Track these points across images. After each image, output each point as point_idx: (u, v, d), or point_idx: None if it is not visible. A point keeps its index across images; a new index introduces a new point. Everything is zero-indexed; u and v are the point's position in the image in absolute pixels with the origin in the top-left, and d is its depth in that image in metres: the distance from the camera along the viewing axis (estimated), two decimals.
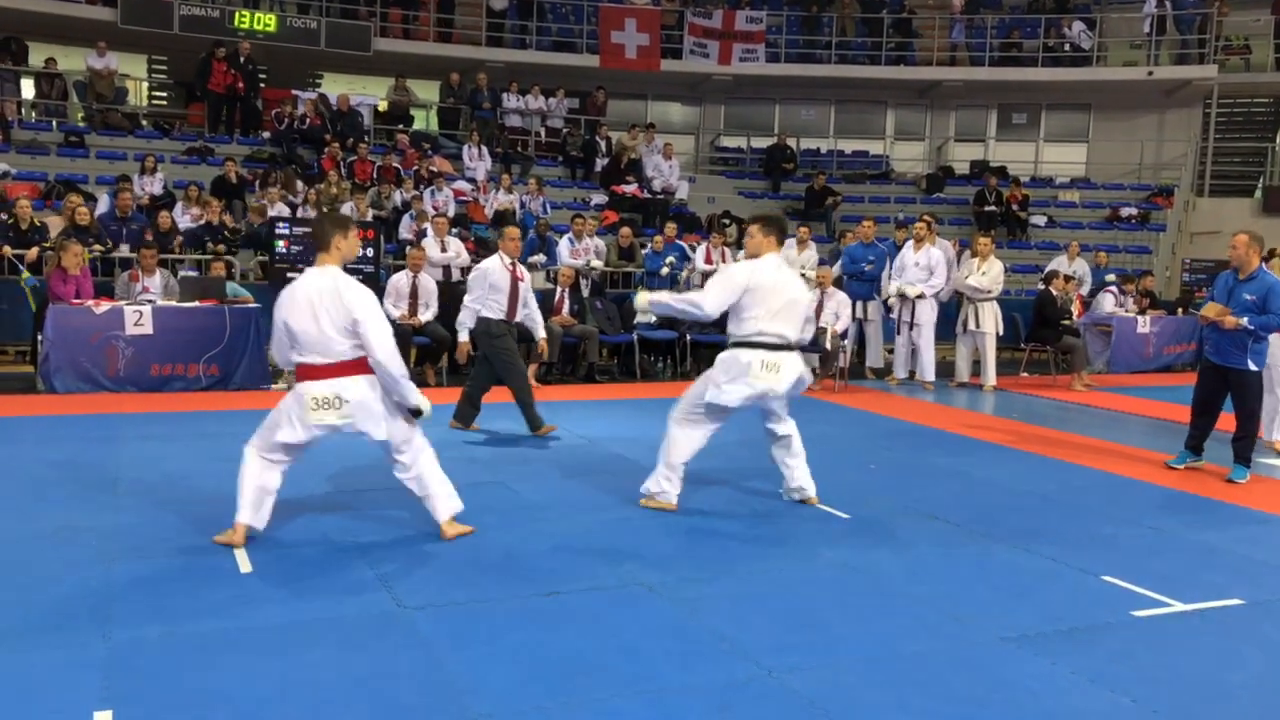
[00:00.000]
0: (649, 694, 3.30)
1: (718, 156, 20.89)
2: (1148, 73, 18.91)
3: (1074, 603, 4.27)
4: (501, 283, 7.23)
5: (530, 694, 3.25)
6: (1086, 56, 19.53)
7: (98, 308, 8.50)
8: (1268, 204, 18.46)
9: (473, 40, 19.46)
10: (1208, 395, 6.82)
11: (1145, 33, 19.33)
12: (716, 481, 6.24)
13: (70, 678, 3.21)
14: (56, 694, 3.10)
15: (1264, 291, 6.45)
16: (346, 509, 5.36)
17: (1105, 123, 20.25)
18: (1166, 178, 19.33)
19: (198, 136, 16.00)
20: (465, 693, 3.24)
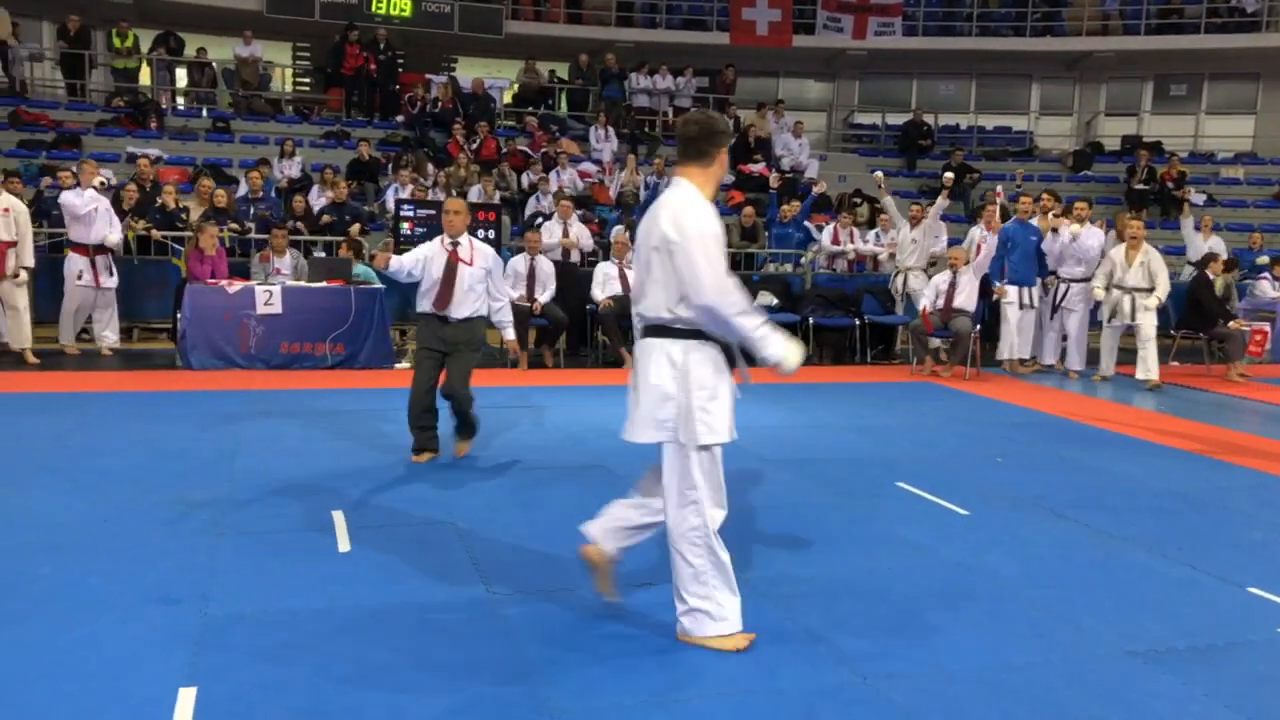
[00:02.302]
0: (732, 696, 3.15)
1: (851, 134, 20.35)
2: None
3: (1212, 616, 3.90)
4: (435, 267, 5.78)
5: (610, 690, 3.15)
6: (1255, 21, 18.13)
7: (230, 287, 8.82)
8: None
9: (602, 20, 19.46)
10: None
11: None
12: (822, 469, 6.00)
13: (162, 652, 3.26)
14: (147, 668, 3.15)
15: None
16: (453, 488, 5.36)
17: (1276, 93, 18.77)
18: None
19: (335, 121, 16.50)
20: (543, 685, 3.16)
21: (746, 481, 5.74)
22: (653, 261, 3.35)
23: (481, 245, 5.97)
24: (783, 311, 10.97)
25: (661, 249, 3.29)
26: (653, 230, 3.35)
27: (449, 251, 5.80)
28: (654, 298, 3.36)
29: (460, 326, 5.85)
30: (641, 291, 3.44)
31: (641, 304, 3.44)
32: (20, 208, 9.06)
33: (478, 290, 5.86)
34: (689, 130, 3.44)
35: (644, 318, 3.45)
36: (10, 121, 14.25)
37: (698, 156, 3.43)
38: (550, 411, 7.61)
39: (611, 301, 9.93)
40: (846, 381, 9.70)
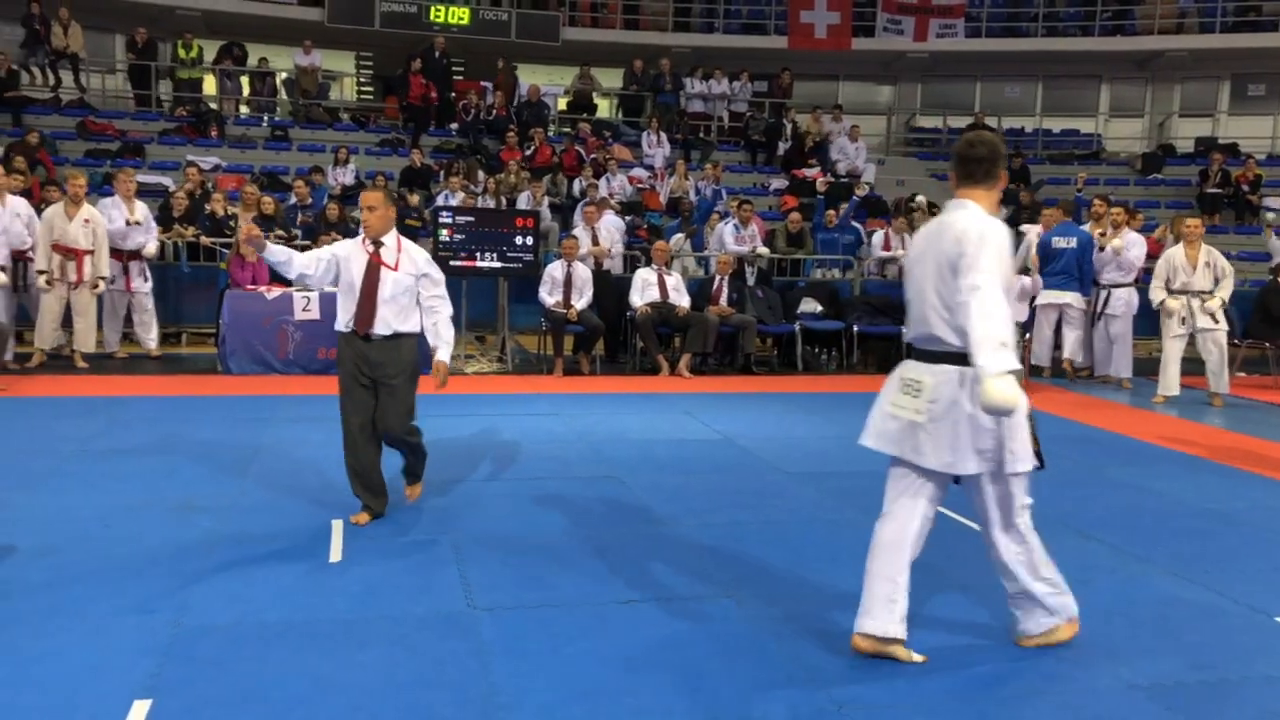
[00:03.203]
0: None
1: (912, 138, 19.97)
2: None
3: (1232, 647, 3.66)
4: (352, 273, 4.73)
5: (570, 713, 3.05)
6: None
7: (269, 293, 8.94)
8: None
9: (659, 26, 19.41)
10: None
11: None
12: (845, 482, 5.82)
13: (126, 664, 3.25)
14: (108, 679, 3.14)
15: None
16: (457, 499, 5.32)
17: None
18: None
19: (391, 129, 16.70)
20: (503, 708, 3.07)
21: (764, 495, 5.61)
22: (943, 282, 3.30)
23: (413, 248, 4.88)
24: (827, 319, 10.76)
25: (955, 264, 3.25)
26: (943, 250, 3.31)
27: (369, 254, 4.73)
28: (941, 315, 3.34)
29: (384, 347, 4.72)
30: (926, 318, 3.39)
31: (930, 329, 3.38)
32: (100, 219, 9.30)
33: (403, 301, 4.74)
34: (978, 152, 3.43)
35: (941, 342, 3.35)
36: (78, 131, 14.69)
37: (985, 178, 3.42)
38: (575, 420, 7.54)
39: (649, 309, 9.84)
40: None
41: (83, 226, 9.09)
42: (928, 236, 3.47)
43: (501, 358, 9.97)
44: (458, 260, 9.61)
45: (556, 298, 9.65)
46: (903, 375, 3.48)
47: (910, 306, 3.52)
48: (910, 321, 3.54)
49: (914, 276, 3.46)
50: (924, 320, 3.41)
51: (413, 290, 4.81)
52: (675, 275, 10.36)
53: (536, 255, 10.02)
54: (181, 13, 16.97)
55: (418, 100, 16.58)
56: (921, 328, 3.43)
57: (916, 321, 3.47)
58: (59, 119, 15.04)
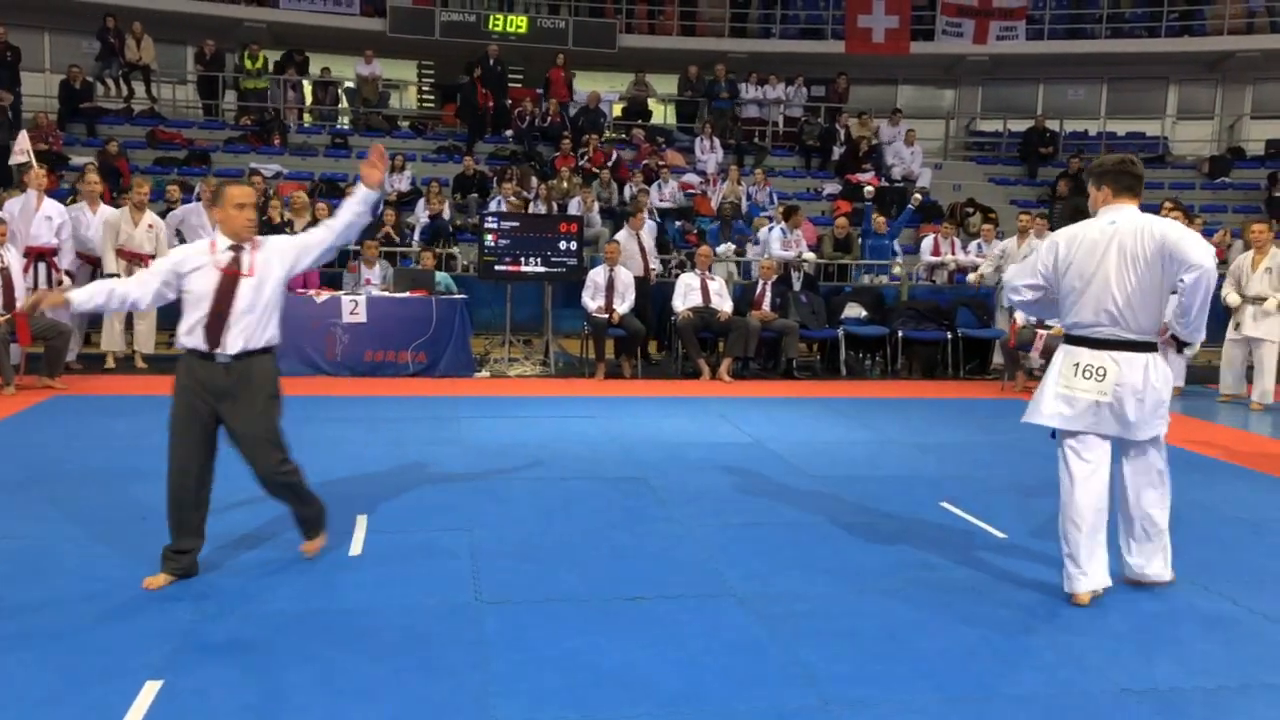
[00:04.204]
0: (683, 716, 3.10)
1: (972, 142, 19.73)
2: None
3: (1236, 655, 3.62)
4: (201, 285, 3.96)
5: (558, 704, 3.14)
6: None
7: (318, 296, 9.21)
8: None
9: (716, 32, 19.47)
10: None
11: None
12: (868, 487, 5.83)
13: (142, 644, 3.43)
14: (125, 660, 3.31)
15: None
16: (483, 496, 5.45)
17: None
18: None
19: (449, 136, 17.01)
20: (495, 695, 3.17)
21: (787, 498, 5.64)
22: (1135, 273, 3.93)
23: (276, 241, 4.18)
24: (871, 324, 10.72)
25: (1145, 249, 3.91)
26: (1137, 243, 3.93)
27: (222, 264, 3.98)
28: (1145, 318, 3.99)
29: (235, 368, 3.97)
30: (1126, 305, 3.96)
31: (1114, 315, 3.98)
32: (161, 224, 9.68)
33: (260, 312, 4.00)
34: (1138, 169, 4.12)
35: (1127, 330, 3.99)
36: (148, 140, 15.24)
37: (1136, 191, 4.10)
38: (610, 422, 7.64)
39: (691, 313, 9.91)
40: (930, 397, 9.40)
41: (146, 231, 9.46)
42: (1108, 239, 3.98)
43: (545, 361, 10.13)
44: (503, 265, 9.80)
45: (599, 302, 9.77)
46: (1078, 362, 4.04)
47: (1084, 302, 4.03)
48: (1080, 315, 4.05)
49: (1095, 274, 3.98)
50: (1108, 316, 3.98)
51: (277, 291, 4.08)
52: (718, 280, 10.41)
53: (580, 260, 10.15)
54: (249, 25, 17.49)
55: (482, 108, 16.90)
56: (1101, 320, 4.00)
57: (1092, 315, 4.01)
58: (130, 128, 15.62)
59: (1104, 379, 3.98)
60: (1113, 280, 3.95)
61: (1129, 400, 3.95)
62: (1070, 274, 4.06)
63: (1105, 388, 3.97)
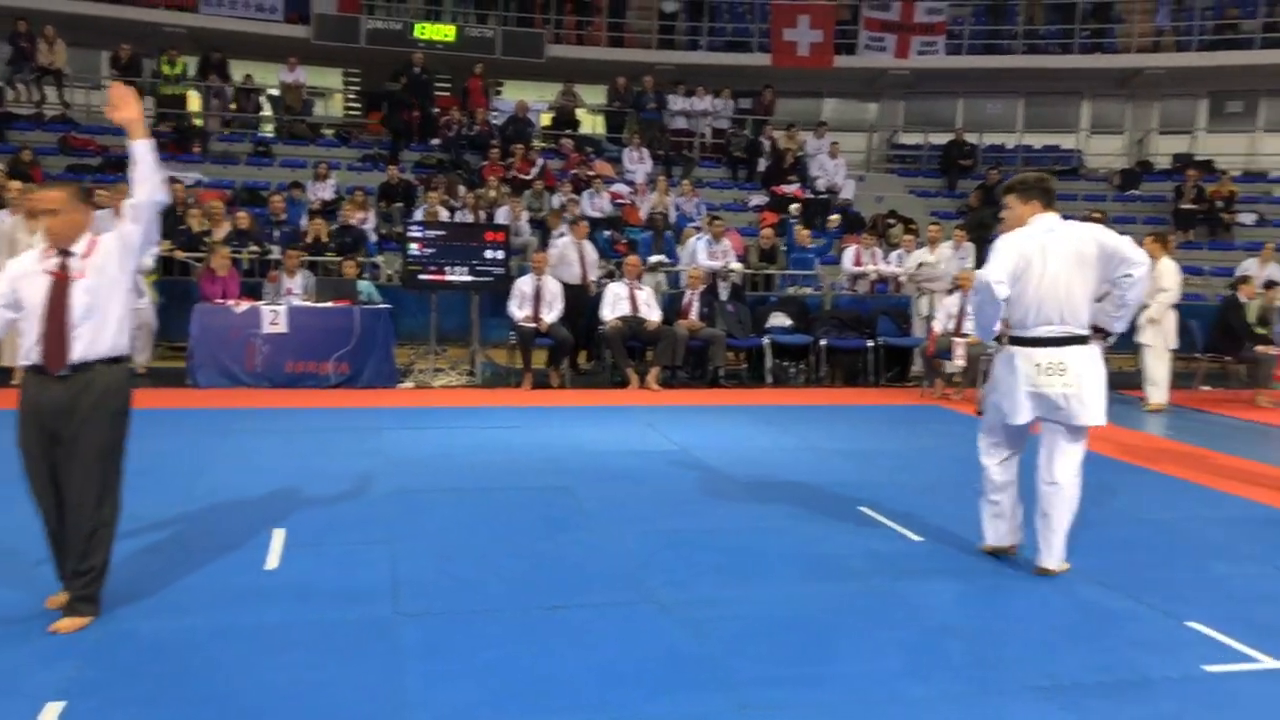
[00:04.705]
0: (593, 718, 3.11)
1: (894, 154, 20.12)
2: None
3: (1138, 650, 3.74)
4: (33, 295, 3.63)
5: (475, 715, 3.12)
6: None
7: (237, 307, 9.03)
8: None
9: (644, 43, 19.59)
10: None
11: None
12: (790, 492, 5.90)
13: (43, 665, 3.33)
14: (26, 681, 3.21)
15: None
16: (406, 508, 5.40)
17: None
18: None
19: (374, 144, 16.84)
20: (409, 707, 3.14)
21: (707, 504, 5.69)
22: (1082, 274, 4.32)
23: (105, 239, 3.73)
24: (795, 333, 10.86)
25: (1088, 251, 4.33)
26: (1079, 248, 4.33)
27: (52, 270, 3.64)
28: (1085, 314, 4.38)
29: (76, 381, 3.62)
30: (1071, 305, 4.34)
31: (1065, 316, 4.34)
32: None
33: (100, 315, 3.65)
34: (1054, 185, 4.57)
35: (1070, 327, 4.36)
36: (60, 147, 14.82)
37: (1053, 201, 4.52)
38: (536, 432, 7.62)
39: (620, 322, 9.93)
40: (852, 404, 9.56)
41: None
42: (1054, 245, 4.34)
43: (471, 371, 10.06)
44: (427, 274, 9.72)
45: (526, 311, 9.75)
46: (1039, 362, 4.37)
47: (1036, 304, 4.36)
48: (1032, 316, 4.38)
49: (1044, 277, 4.32)
50: (1060, 317, 4.34)
51: (116, 292, 3.71)
52: (646, 289, 10.46)
53: (507, 269, 10.12)
54: (168, 30, 17.12)
55: (409, 118, 16.77)
56: (1053, 320, 4.35)
57: (1044, 316, 4.35)
58: (41, 134, 15.16)
59: (1065, 373, 4.35)
60: (1061, 282, 4.32)
61: (1087, 389, 4.35)
62: (1023, 278, 4.36)
63: (1070, 380, 4.35)
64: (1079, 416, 4.38)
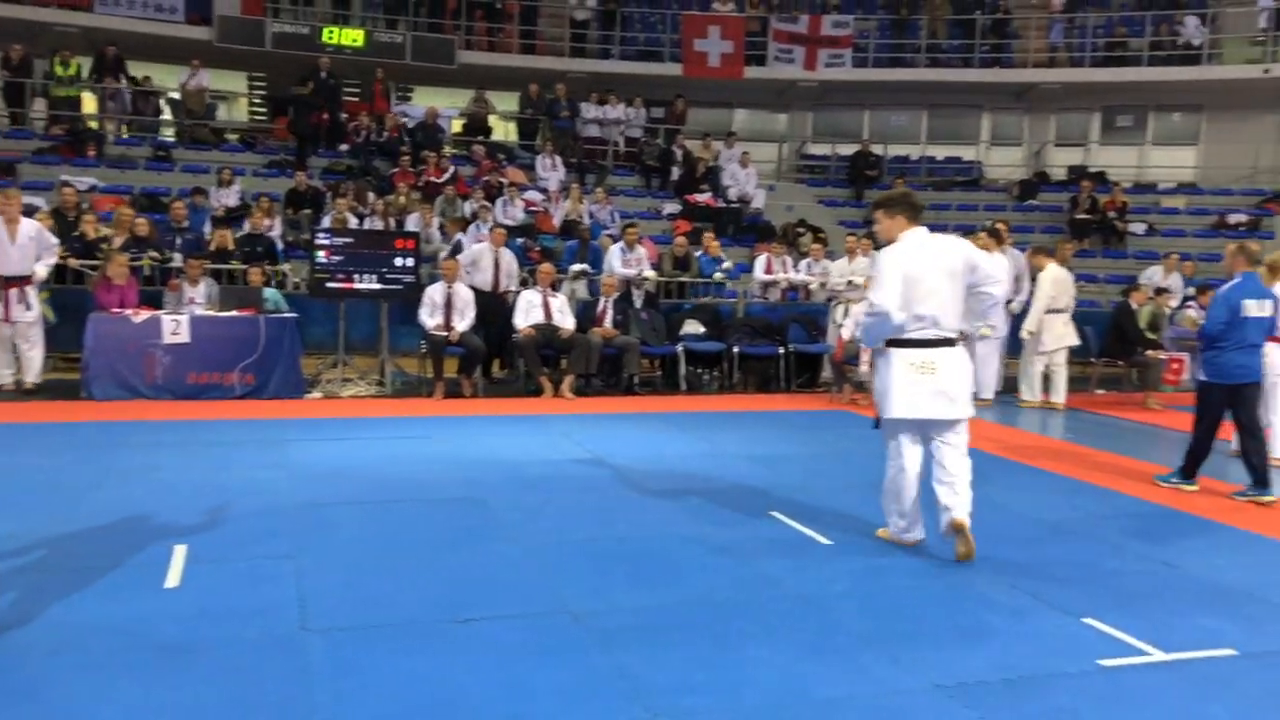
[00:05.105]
0: None
1: (803, 164, 20.44)
2: (1263, 70, 17.68)
3: (1037, 648, 3.86)
4: None
5: None
6: (1197, 55, 18.39)
7: (136, 316, 8.74)
8: None
9: (556, 51, 19.56)
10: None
11: (1262, 28, 18.10)
12: (702, 498, 5.94)
13: None
14: None
15: (1213, 301, 6.52)
16: (312, 522, 5.28)
17: (1218, 125, 19.06)
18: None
19: (280, 150, 16.48)
20: None
21: (621, 512, 5.70)
22: (951, 284, 4.77)
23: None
24: (709, 340, 10.96)
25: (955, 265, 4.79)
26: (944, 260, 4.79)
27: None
28: (954, 319, 4.83)
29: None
30: (942, 311, 4.77)
31: (937, 319, 4.77)
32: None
33: None
34: (918, 200, 5.02)
35: (942, 330, 4.80)
36: None
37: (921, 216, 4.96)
38: (448, 442, 7.54)
39: (534, 330, 9.89)
40: (764, 410, 9.68)
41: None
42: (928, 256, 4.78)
43: (381, 381, 9.91)
44: (335, 282, 9.55)
45: (437, 320, 9.64)
46: (913, 362, 4.78)
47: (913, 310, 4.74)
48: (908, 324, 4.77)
49: (920, 286, 4.73)
50: (932, 321, 4.76)
51: None
52: (560, 297, 10.44)
53: (417, 277, 9.99)
54: (60, 29, 16.51)
55: (316, 124, 16.47)
56: (926, 324, 4.77)
57: (919, 321, 4.75)
58: None
59: (936, 371, 4.79)
60: (934, 292, 4.76)
61: (955, 386, 4.81)
62: (904, 287, 4.76)
63: (940, 378, 4.79)
64: (949, 412, 4.82)
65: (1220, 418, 6.45)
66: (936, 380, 4.78)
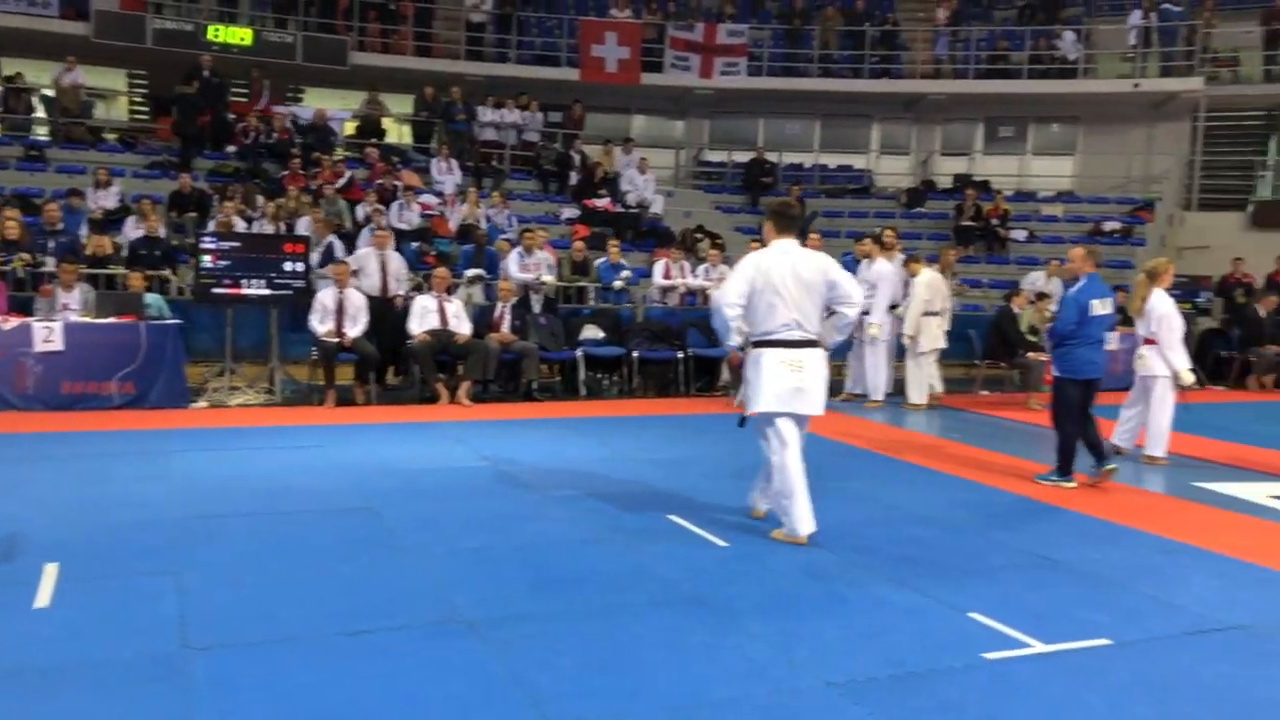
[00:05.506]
0: None
1: (700, 171, 20.64)
2: (1134, 84, 18.56)
3: (925, 643, 3.95)
4: None
5: None
6: (1073, 69, 19.19)
7: (5, 324, 8.32)
8: (1258, 218, 18.05)
9: (452, 54, 19.34)
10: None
11: (1132, 45, 19.01)
12: (602, 503, 5.94)
13: None
14: None
15: (1061, 301, 6.96)
16: (195, 536, 5.09)
17: (1093, 136, 19.89)
18: (1154, 192, 18.94)
19: (163, 150, 15.90)
20: None
21: (519, 519, 5.65)
22: (809, 294, 5.14)
23: None
24: (608, 345, 10.96)
25: (815, 279, 5.15)
26: (804, 271, 5.14)
27: None
28: (813, 317, 5.19)
29: None
30: (804, 315, 5.15)
31: (806, 323, 5.16)
32: None
33: None
34: (795, 212, 5.49)
35: (806, 332, 5.17)
36: None
37: (794, 228, 5.40)
38: (340, 451, 7.37)
39: (429, 336, 9.75)
40: (664, 414, 9.72)
41: None
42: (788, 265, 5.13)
43: (270, 389, 9.63)
44: (221, 287, 9.25)
45: (329, 325, 9.42)
46: (783, 360, 5.12)
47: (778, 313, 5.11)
48: (774, 323, 5.13)
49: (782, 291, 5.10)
50: (796, 323, 5.12)
51: None
52: (456, 302, 10.31)
53: (308, 282, 9.74)
54: None
55: (201, 124, 15.94)
56: (791, 326, 5.13)
57: (784, 323, 5.12)
58: None
59: (801, 370, 5.14)
60: (797, 297, 5.12)
61: (817, 384, 5.17)
62: (765, 291, 5.11)
63: (804, 376, 5.14)
64: (808, 407, 5.19)
65: (1076, 410, 6.82)
66: (801, 378, 5.12)
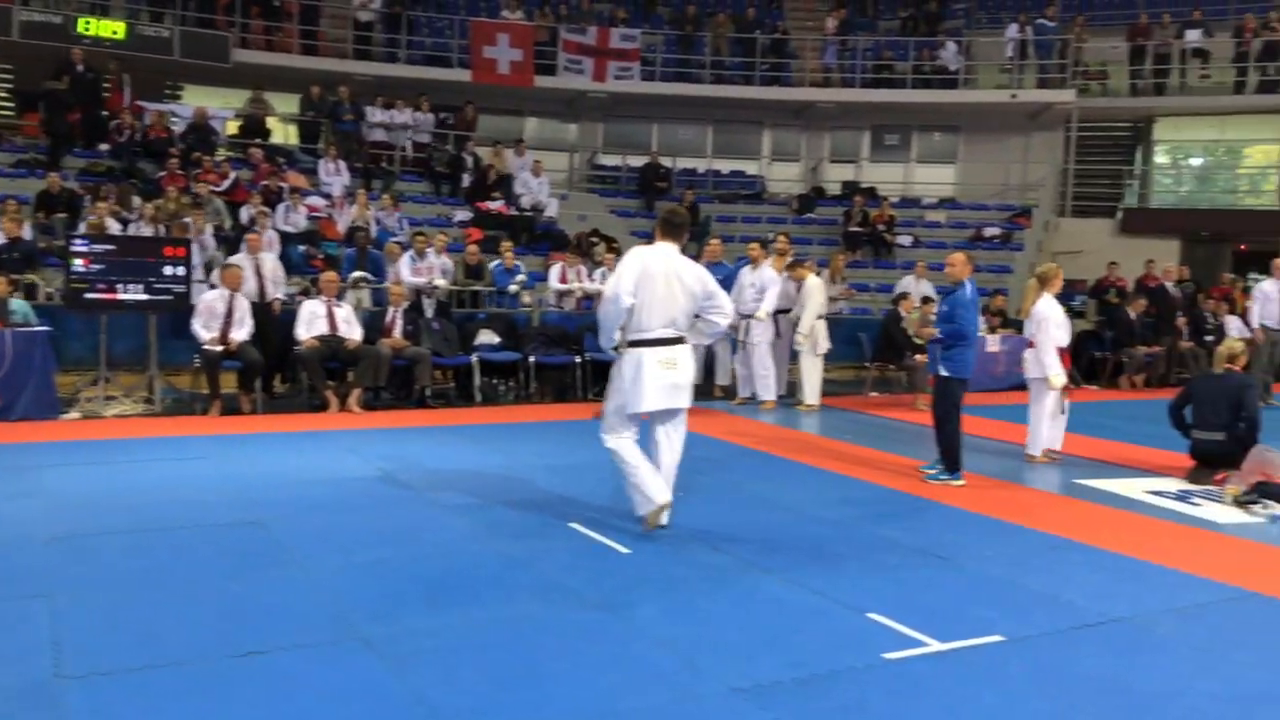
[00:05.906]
0: None
1: (595, 175, 20.63)
2: (1010, 95, 19.29)
3: (826, 645, 3.99)
4: None
5: None
6: (955, 79, 19.84)
7: None
8: (1126, 224, 18.95)
9: (339, 53, 18.91)
10: None
11: (1009, 57, 19.75)
12: (500, 511, 5.85)
13: None
14: None
15: (951, 304, 7.12)
16: (69, 556, 4.82)
17: (973, 145, 20.60)
18: (1031, 199, 19.71)
19: (29, 149, 15.11)
20: None
21: (414, 530, 5.52)
22: (686, 297, 5.45)
23: None
24: (504, 350, 10.84)
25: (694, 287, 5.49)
26: (685, 276, 5.46)
27: None
28: (685, 318, 5.51)
29: None
30: (669, 314, 5.42)
31: (675, 322, 5.46)
32: None
33: None
34: (679, 220, 5.74)
35: (678, 328, 5.48)
36: None
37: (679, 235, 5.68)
38: (225, 463, 7.09)
39: (317, 342, 9.47)
40: (562, 419, 9.65)
41: None
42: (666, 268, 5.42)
43: (149, 399, 9.21)
44: (95, 293, 8.80)
45: (213, 331, 9.06)
46: (660, 359, 5.38)
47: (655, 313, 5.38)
48: (651, 322, 5.39)
49: (659, 292, 5.38)
50: (672, 322, 5.42)
51: None
52: (345, 307, 10.04)
53: (189, 286, 9.36)
54: None
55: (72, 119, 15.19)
56: (666, 325, 5.42)
57: (660, 322, 5.40)
58: None
59: (676, 367, 5.43)
60: (671, 297, 5.40)
61: (686, 379, 5.48)
62: (643, 291, 5.37)
63: (677, 373, 5.44)
64: (680, 401, 5.51)
65: (959, 408, 7.12)
66: (674, 374, 5.41)
